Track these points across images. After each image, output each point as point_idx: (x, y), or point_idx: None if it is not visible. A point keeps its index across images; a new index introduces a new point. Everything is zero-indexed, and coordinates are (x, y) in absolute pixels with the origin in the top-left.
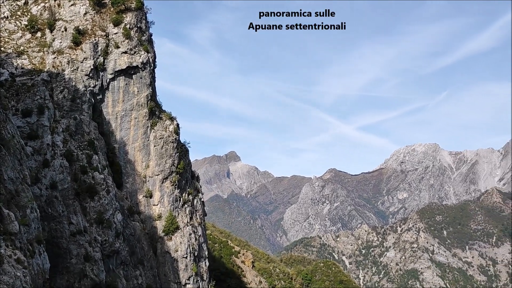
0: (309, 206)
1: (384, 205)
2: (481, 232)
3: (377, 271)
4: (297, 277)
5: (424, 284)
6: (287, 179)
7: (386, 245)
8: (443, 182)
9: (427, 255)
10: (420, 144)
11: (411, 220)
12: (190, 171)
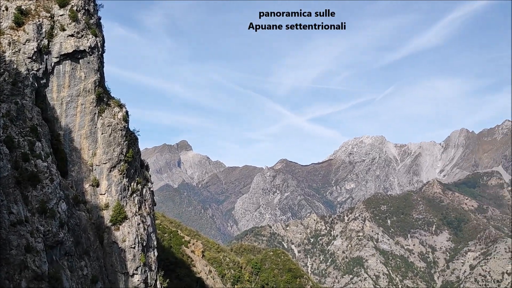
0: (260, 196)
1: (333, 195)
2: (422, 221)
3: (324, 259)
4: (246, 266)
5: (368, 271)
6: (239, 169)
7: (333, 234)
8: (388, 173)
9: (372, 243)
10: (368, 136)
11: (357, 209)
12: (140, 160)
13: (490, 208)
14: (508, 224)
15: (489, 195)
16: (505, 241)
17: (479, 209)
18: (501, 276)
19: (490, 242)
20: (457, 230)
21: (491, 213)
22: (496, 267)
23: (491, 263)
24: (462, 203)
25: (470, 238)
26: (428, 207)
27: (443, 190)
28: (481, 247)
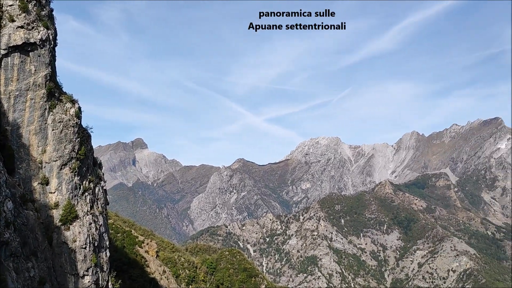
0: (216, 195)
1: (289, 194)
2: (374, 220)
3: (279, 258)
4: (202, 265)
5: (322, 269)
6: (196, 168)
7: (289, 233)
8: (342, 174)
9: (326, 242)
10: (324, 137)
11: (312, 209)
12: (92, 158)
13: (438, 208)
14: (454, 224)
15: (437, 196)
16: (451, 240)
17: (428, 209)
18: (447, 273)
19: (437, 240)
20: (406, 230)
21: (439, 213)
22: (442, 264)
23: (438, 261)
24: (412, 203)
25: (419, 237)
26: (380, 207)
27: (394, 191)
28: (429, 245)
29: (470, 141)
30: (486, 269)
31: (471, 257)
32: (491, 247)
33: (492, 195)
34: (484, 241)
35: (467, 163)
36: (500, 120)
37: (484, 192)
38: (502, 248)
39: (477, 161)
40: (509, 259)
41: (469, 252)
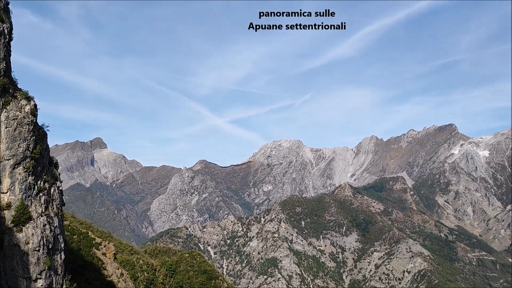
0: (177, 196)
1: (251, 196)
2: (333, 222)
3: (240, 260)
4: (161, 268)
5: (282, 271)
6: (156, 169)
7: (250, 235)
8: (304, 176)
9: (286, 244)
10: (286, 140)
11: (274, 211)
12: (48, 157)
13: (395, 211)
14: (410, 226)
15: (394, 199)
16: (406, 242)
17: (385, 212)
18: (402, 274)
19: (393, 242)
20: (364, 232)
21: (395, 216)
22: (398, 266)
23: (394, 262)
24: (370, 206)
25: (376, 239)
26: (340, 209)
27: (353, 193)
28: (386, 247)
29: (425, 146)
30: (439, 270)
31: (425, 258)
32: (444, 249)
33: (445, 199)
34: (437, 243)
35: (422, 168)
36: (454, 126)
37: (438, 195)
38: (454, 249)
39: (432, 165)
40: (460, 260)
41: (423, 254)
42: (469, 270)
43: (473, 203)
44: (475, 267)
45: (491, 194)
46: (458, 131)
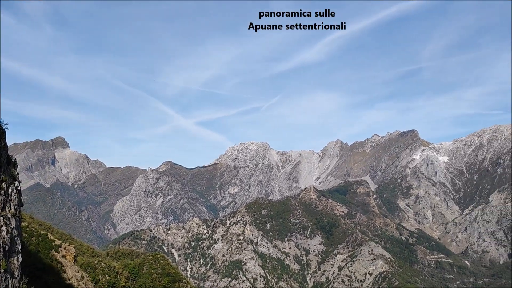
0: (141, 198)
1: (216, 199)
2: (298, 225)
3: (204, 263)
4: (123, 271)
5: (246, 273)
6: (121, 170)
7: (215, 238)
8: (270, 179)
9: (251, 246)
10: (253, 142)
11: (239, 213)
12: (6, 156)
13: (358, 214)
14: (372, 229)
15: (357, 202)
16: (369, 244)
17: (348, 215)
18: (364, 276)
19: (356, 245)
20: (328, 234)
21: (358, 219)
22: (360, 268)
23: (356, 264)
24: (334, 209)
25: (340, 242)
26: (305, 212)
27: (318, 196)
28: (349, 249)
29: (388, 151)
30: (399, 272)
31: (386, 260)
32: (404, 251)
33: (406, 202)
34: (398, 245)
35: (385, 172)
36: (415, 132)
37: (400, 199)
38: (414, 252)
39: (394, 170)
40: (420, 262)
41: (384, 256)
42: (428, 272)
43: (433, 207)
44: (433, 269)
45: (450, 199)
46: (419, 137)
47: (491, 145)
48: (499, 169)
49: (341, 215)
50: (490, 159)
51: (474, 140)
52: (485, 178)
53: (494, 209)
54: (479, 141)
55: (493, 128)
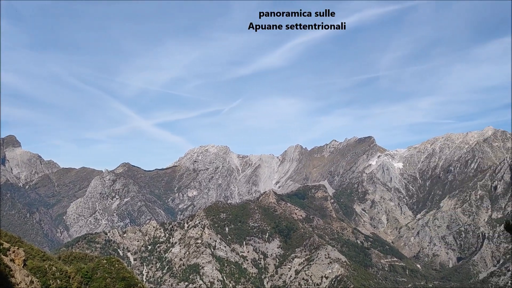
0: (97, 200)
1: (175, 202)
2: (257, 229)
3: (161, 267)
4: (75, 275)
5: (204, 277)
6: (75, 171)
7: (172, 241)
8: (229, 182)
9: (209, 250)
10: (213, 145)
11: (198, 217)
12: None
13: (316, 218)
14: (329, 233)
15: (315, 206)
16: (325, 248)
17: (306, 219)
18: (320, 279)
19: (313, 249)
20: (286, 238)
21: (316, 223)
22: (317, 271)
23: (313, 268)
24: (293, 212)
25: (297, 245)
26: (263, 215)
27: (277, 200)
28: (306, 253)
29: (346, 157)
30: (354, 275)
31: (342, 264)
32: (360, 255)
33: (362, 207)
34: (354, 249)
35: (343, 177)
36: (372, 139)
37: (356, 204)
38: (369, 255)
39: (351, 175)
40: (374, 266)
41: (340, 260)
42: (382, 275)
43: (387, 211)
44: (387, 272)
45: (404, 204)
46: (376, 144)
47: (443, 152)
48: (450, 176)
49: (299, 219)
50: (442, 166)
51: (427, 148)
52: (437, 184)
53: (444, 214)
54: (432, 149)
55: (445, 136)
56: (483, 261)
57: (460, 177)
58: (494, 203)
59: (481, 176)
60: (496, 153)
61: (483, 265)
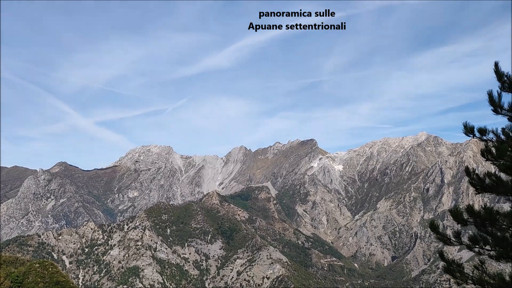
0: (30, 201)
1: (114, 203)
2: (199, 230)
3: (98, 270)
4: (5, 280)
5: (143, 280)
6: (7, 170)
7: (111, 243)
8: (172, 183)
9: (150, 252)
10: (156, 145)
11: (138, 218)
12: None
13: (258, 219)
14: (271, 234)
15: (258, 207)
16: (267, 249)
17: (249, 220)
18: (262, 280)
19: (255, 249)
20: (229, 239)
21: (259, 224)
22: (258, 272)
23: (255, 268)
24: (236, 214)
25: (240, 247)
26: (206, 217)
27: (220, 202)
28: (248, 254)
29: (289, 159)
30: (295, 275)
31: (284, 264)
32: (300, 255)
33: (304, 208)
34: (295, 249)
35: (285, 178)
36: (314, 141)
37: (298, 205)
38: (309, 256)
39: (294, 177)
40: (314, 265)
41: (282, 260)
42: (321, 275)
43: (327, 212)
44: (326, 272)
45: (343, 205)
46: (318, 146)
47: (380, 156)
48: (386, 178)
49: (242, 220)
50: (379, 169)
51: (366, 151)
52: (374, 186)
53: (381, 215)
54: (370, 152)
55: (383, 140)
56: (416, 260)
57: (396, 180)
58: (426, 204)
59: (414, 178)
60: (428, 157)
61: (415, 263)
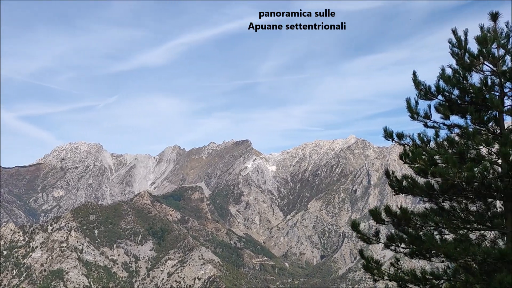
0: None
1: (37, 202)
2: (129, 231)
3: (18, 274)
4: None
5: (68, 284)
6: None
7: (33, 245)
8: (101, 183)
9: (75, 254)
10: (84, 142)
11: (64, 219)
12: None
13: (191, 220)
14: (204, 234)
15: (191, 208)
16: (199, 249)
17: (182, 220)
18: (193, 281)
19: (187, 250)
20: (160, 240)
21: (191, 224)
22: (190, 273)
23: (186, 269)
24: (168, 214)
25: (171, 247)
26: (137, 217)
27: (152, 202)
28: (180, 255)
29: (224, 159)
30: (227, 275)
31: (215, 265)
32: (233, 255)
33: (237, 208)
34: (227, 250)
35: (219, 179)
36: (249, 142)
37: (232, 205)
38: (241, 256)
39: (228, 177)
40: (246, 265)
41: (214, 261)
42: (253, 275)
43: (260, 212)
44: (257, 272)
45: (275, 205)
46: (252, 147)
47: (312, 158)
48: (317, 180)
49: (174, 221)
50: (311, 170)
51: (298, 153)
52: (306, 187)
53: (311, 215)
54: (302, 154)
55: (314, 142)
56: (343, 258)
57: (326, 181)
58: (354, 205)
59: (343, 180)
60: (357, 160)
61: (343, 261)
